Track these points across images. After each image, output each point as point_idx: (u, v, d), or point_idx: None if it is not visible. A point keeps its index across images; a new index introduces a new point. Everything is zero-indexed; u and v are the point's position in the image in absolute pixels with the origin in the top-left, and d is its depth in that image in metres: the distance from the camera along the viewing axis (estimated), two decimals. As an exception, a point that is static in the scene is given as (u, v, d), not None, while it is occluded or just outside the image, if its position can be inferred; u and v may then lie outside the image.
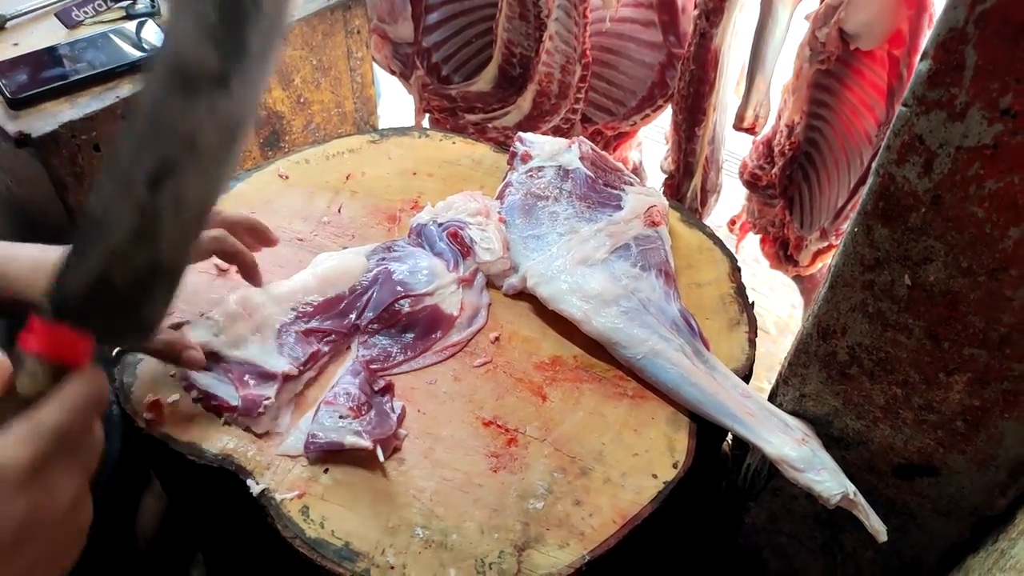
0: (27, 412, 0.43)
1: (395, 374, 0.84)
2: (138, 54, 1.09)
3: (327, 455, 0.76)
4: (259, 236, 0.87)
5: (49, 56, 1.08)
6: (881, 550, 0.88)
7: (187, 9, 0.46)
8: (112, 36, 1.12)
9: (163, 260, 0.49)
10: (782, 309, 1.69)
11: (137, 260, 0.48)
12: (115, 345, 0.48)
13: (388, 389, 0.82)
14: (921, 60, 0.57)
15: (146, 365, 0.82)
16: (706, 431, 0.82)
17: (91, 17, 1.17)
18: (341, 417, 0.77)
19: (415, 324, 0.87)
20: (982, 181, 0.58)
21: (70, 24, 1.16)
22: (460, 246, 0.92)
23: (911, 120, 0.59)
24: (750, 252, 1.64)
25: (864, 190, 0.66)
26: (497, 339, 0.89)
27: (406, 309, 0.87)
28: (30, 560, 0.42)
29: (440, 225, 0.95)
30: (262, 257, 0.94)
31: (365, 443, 0.75)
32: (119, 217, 0.46)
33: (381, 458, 0.75)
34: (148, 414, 0.78)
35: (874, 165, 0.64)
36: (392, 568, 0.69)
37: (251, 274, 0.85)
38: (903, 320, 0.70)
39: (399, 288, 0.87)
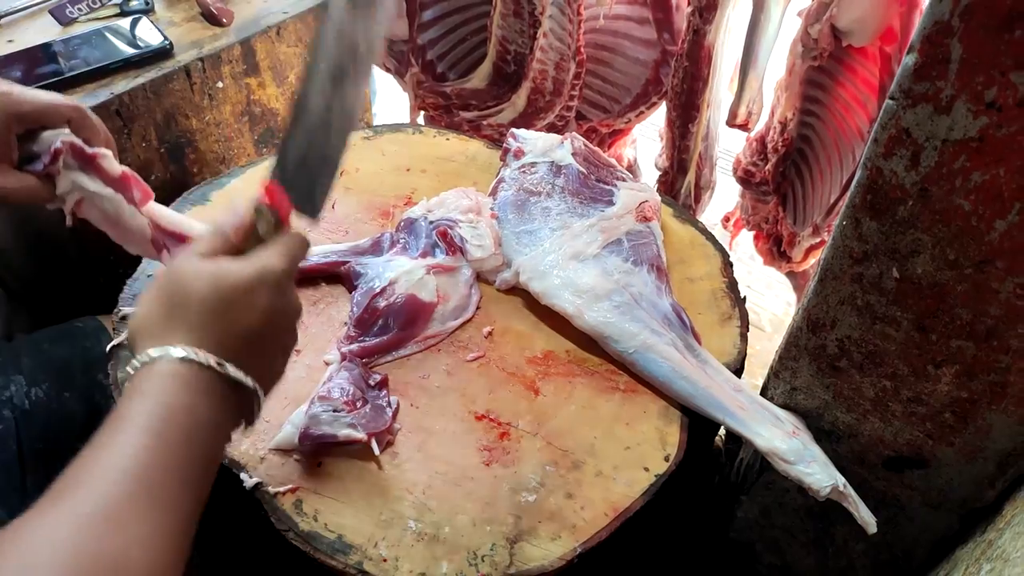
0: (273, 242, 0.62)
1: (383, 364, 0.85)
2: (132, 51, 1.09)
3: (320, 448, 0.76)
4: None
5: (43, 53, 1.08)
6: (871, 542, 0.89)
7: None
8: (106, 33, 1.13)
9: (330, 150, 0.67)
10: (777, 307, 1.69)
11: (320, 144, 0.65)
12: (300, 214, 0.66)
13: (383, 384, 0.82)
14: (907, 54, 0.58)
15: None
16: (698, 425, 0.83)
17: (85, 14, 1.18)
18: (335, 411, 0.77)
19: (394, 315, 0.87)
20: (968, 174, 0.59)
21: (64, 21, 1.16)
22: (448, 244, 0.93)
23: (898, 113, 0.60)
24: (745, 250, 1.65)
25: (852, 184, 0.67)
26: (490, 334, 0.89)
27: (382, 304, 0.86)
28: (280, 338, 0.62)
29: (430, 222, 0.95)
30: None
31: (359, 436, 0.75)
32: (315, 104, 0.64)
33: (376, 451, 0.76)
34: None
35: (862, 159, 0.65)
36: (385, 561, 0.69)
37: (109, 163, 0.80)
38: (891, 313, 0.70)
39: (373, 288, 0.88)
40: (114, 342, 0.84)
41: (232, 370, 0.55)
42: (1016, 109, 0.55)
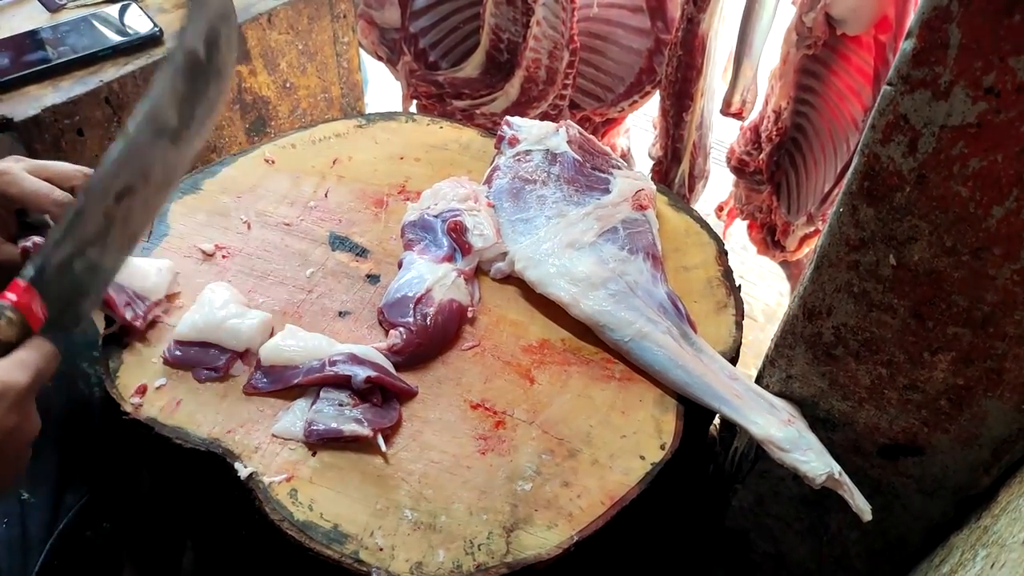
0: (17, 350, 0.56)
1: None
2: (120, 38, 1.08)
3: (324, 442, 0.76)
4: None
5: (31, 40, 1.07)
6: (866, 530, 0.89)
7: (167, 79, 0.62)
8: (94, 20, 1.11)
9: (105, 263, 0.63)
10: (770, 297, 1.70)
11: (92, 256, 0.61)
12: (54, 324, 0.61)
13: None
14: (906, 39, 0.57)
15: (132, 350, 0.82)
16: (693, 413, 0.82)
17: (73, 1, 1.16)
18: (341, 404, 0.77)
19: (445, 320, 0.85)
20: (966, 160, 0.59)
21: (52, 8, 1.15)
22: (460, 243, 0.91)
23: (896, 99, 0.60)
24: (738, 240, 1.65)
25: (849, 171, 0.67)
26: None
27: (431, 310, 0.84)
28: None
29: (439, 217, 0.94)
30: (247, 242, 0.94)
31: (365, 432, 0.75)
32: (91, 216, 0.60)
33: (383, 447, 0.75)
34: (136, 399, 0.78)
35: (859, 145, 0.64)
36: (381, 550, 0.69)
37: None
38: (888, 300, 0.70)
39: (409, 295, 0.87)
40: (106, 331, 0.83)
41: None
42: (1015, 94, 0.54)
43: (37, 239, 0.74)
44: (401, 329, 0.83)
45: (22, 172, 0.75)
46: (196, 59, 0.64)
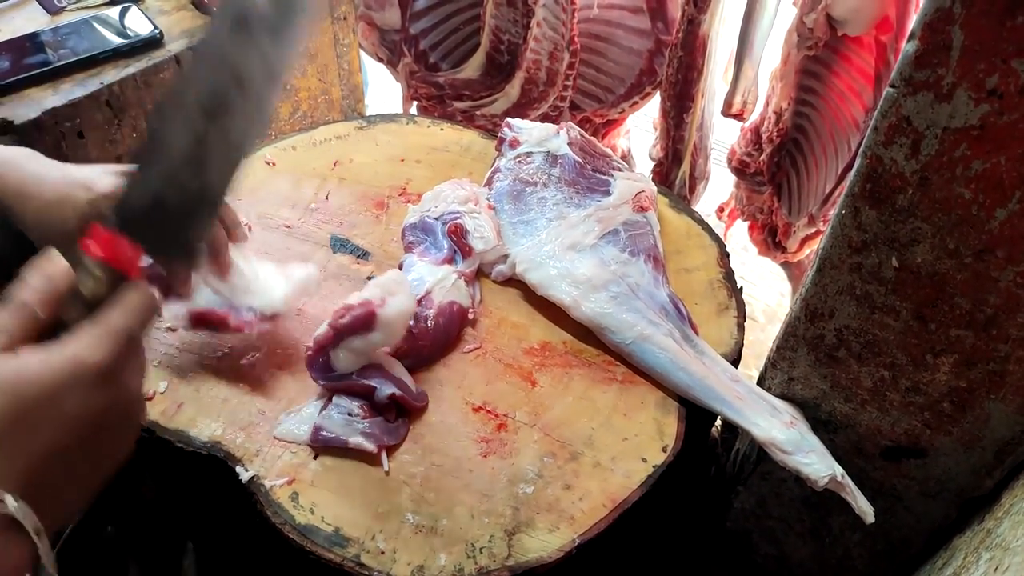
0: (98, 314, 0.48)
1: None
2: (120, 41, 1.08)
3: (327, 450, 0.76)
4: (228, 229, 0.81)
5: (31, 42, 1.07)
6: (868, 532, 0.89)
7: None
8: (94, 23, 1.11)
9: (209, 188, 0.56)
10: (771, 297, 1.70)
11: (188, 184, 0.54)
12: (161, 262, 0.54)
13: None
14: (908, 41, 0.57)
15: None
16: (695, 415, 0.82)
17: (74, 3, 1.16)
18: (351, 415, 0.76)
19: (446, 322, 0.85)
20: (969, 162, 0.59)
21: (52, 10, 1.15)
22: (461, 246, 0.91)
23: (898, 101, 0.59)
24: (738, 241, 1.65)
25: (851, 173, 0.67)
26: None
27: (431, 313, 0.84)
28: (104, 448, 0.48)
29: (440, 220, 0.94)
30: (250, 244, 0.94)
31: (370, 447, 0.74)
32: (177, 142, 0.53)
33: (386, 466, 0.75)
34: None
35: (861, 147, 0.64)
36: (383, 553, 0.69)
37: (220, 259, 0.79)
38: (890, 302, 0.70)
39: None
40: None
41: (11, 503, 0.41)
42: (1018, 96, 0.54)
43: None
44: None
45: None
46: None
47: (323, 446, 0.75)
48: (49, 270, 0.48)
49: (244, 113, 0.56)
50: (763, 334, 1.60)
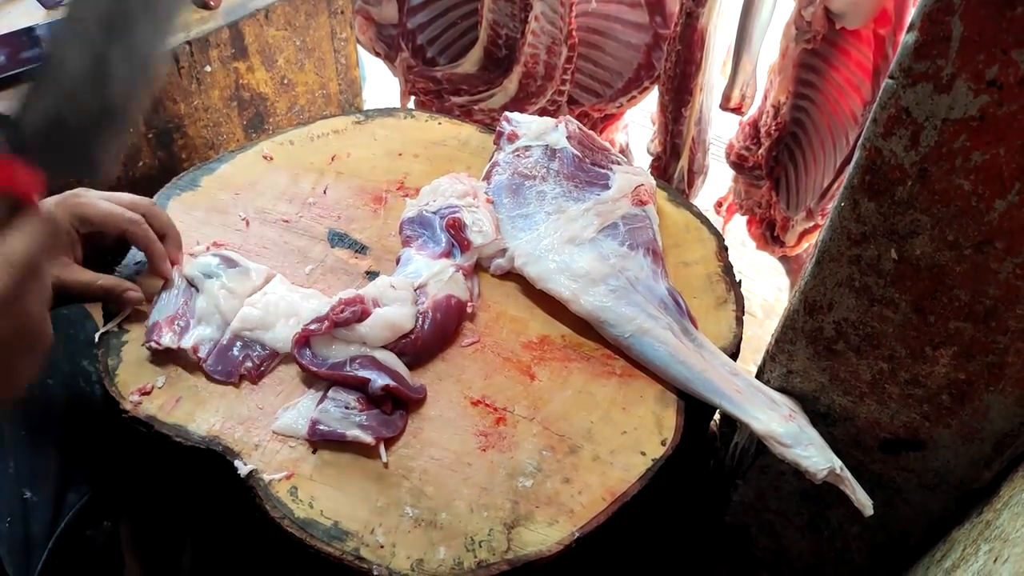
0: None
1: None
2: (118, 35, 1.07)
3: (325, 443, 0.75)
4: (171, 249, 0.86)
5: (27, 37, 1.06)
6: (867, 525, 0.89)
7: None
8: (91, 17, 1.11)
9: (113, 104, 0.55)
10: (768, 292, 1.69)
11: (89, 102, 0.53)
12: (67, 178, 0.56)
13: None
14: (907, 32, 0.57)
15: (131, 347, 0.82)
16: (694, 409, 0.82)
17: (70, -2, 1.16)
18: (347, 408, 0.76)
19: (443, 316, 0.85)
20: (968, 153, 0.59)
21: (49, 4, 1.14)
22: (459, 240, 0.91)
23: (897, 93, 0.59)
24: (736, 235, 1.65)
25: (850, 165, 0.67)
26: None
27: (427, 307, 0.84)
28: (4, 375, 0.49)
29: (438, 214, 0.93)
30: (246, 239, 0.94)
31: (367, 439, 0.74)
32: (75, 60, 0.52)
33: (384, 458, 0.75)
34: (135, 396, 0.77)
35: (860, 139, 0.64)
36: (382, 547, 0.69)
37: (159, 265, 0.84)
38: (889, 294, 0.70)
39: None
40: (103, 329, 0.83)
41: None
42: (1017, 87, 0.54)
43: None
44: None
45: (95, 195, 0.76)
46: None
47: (321, 439, 0.75)
48: None
49: (145, 25, 0.55)
50: (761, 329, 1.60)
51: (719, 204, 1.49)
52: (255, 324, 0.82)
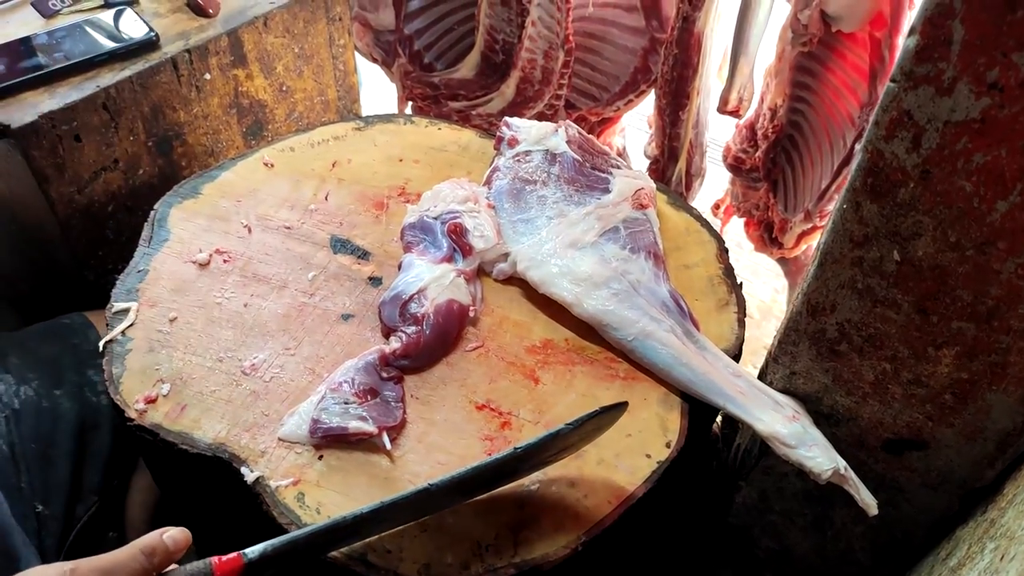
0: None
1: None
2: (115, 44, 1.07)
3: (329, 441, 0.76)
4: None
5: (26, 46, 1.06)
6: (871, 525, 0.89)
7: None
8: (88, 27, 1.10)
9: None
10: (765, 294, 1.70)
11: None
12: None
13: (398, 379, 0.81)
14: (909, 35, 0.57)
15: (135, 356, 0.82)
16: (697, 411, 0.83)
17: (68, 6, 1.15)
18: (346, 403, 0.77)
19: (444, 320, 0.85)
20: (970, 155, 0.59)
21: (47, 13, 1.14)
22: (461, 245, 0.91)
23: (899, 96, 0.60)
24: (733, 237, 1.65)
25: (851, 168, 0.67)
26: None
27: (429, 311, 0.84)
28: None
29: (439, 219, 0.94)
30: (248, 245, 0.94)
31: (370, 429, 0.75)
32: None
33: (387, 445, 0.75)
34: (140, 404, 0.77)
35: (862, 142, 0.65)
36: (389, 552, 0.69)
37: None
38: (892, 295, 0.70)
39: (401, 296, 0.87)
40: (107, 337, 0.83)
41: None
42: (1018, 89, 0.55)
43: None
44: (400, 333, 0.83)
45: (89, 561, 0.61)
46: None
47: (323, 436, 0.75)
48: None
49: None
50: (758, 330, 1.61)
51: (717, 207, 1.50)
52: None
